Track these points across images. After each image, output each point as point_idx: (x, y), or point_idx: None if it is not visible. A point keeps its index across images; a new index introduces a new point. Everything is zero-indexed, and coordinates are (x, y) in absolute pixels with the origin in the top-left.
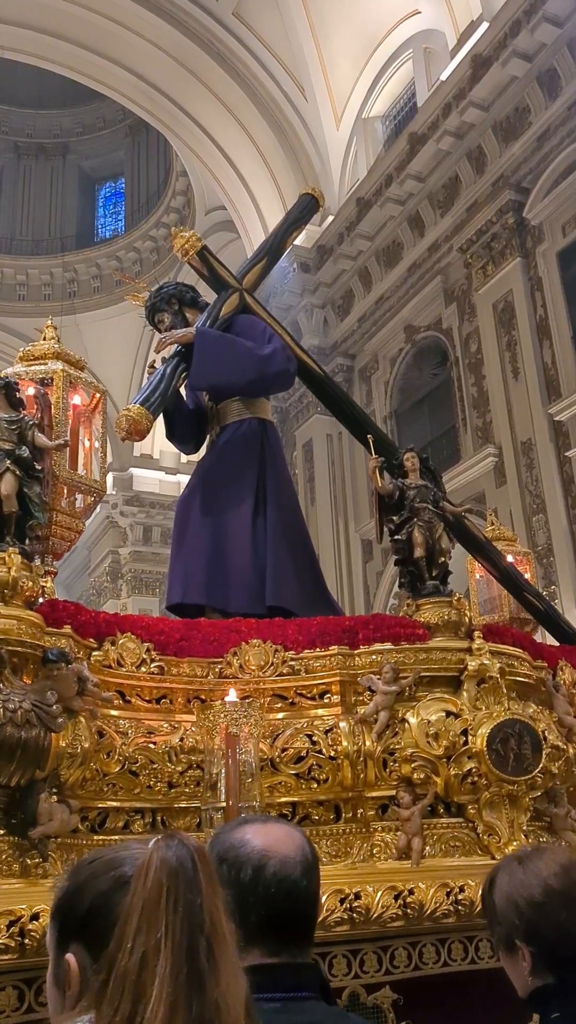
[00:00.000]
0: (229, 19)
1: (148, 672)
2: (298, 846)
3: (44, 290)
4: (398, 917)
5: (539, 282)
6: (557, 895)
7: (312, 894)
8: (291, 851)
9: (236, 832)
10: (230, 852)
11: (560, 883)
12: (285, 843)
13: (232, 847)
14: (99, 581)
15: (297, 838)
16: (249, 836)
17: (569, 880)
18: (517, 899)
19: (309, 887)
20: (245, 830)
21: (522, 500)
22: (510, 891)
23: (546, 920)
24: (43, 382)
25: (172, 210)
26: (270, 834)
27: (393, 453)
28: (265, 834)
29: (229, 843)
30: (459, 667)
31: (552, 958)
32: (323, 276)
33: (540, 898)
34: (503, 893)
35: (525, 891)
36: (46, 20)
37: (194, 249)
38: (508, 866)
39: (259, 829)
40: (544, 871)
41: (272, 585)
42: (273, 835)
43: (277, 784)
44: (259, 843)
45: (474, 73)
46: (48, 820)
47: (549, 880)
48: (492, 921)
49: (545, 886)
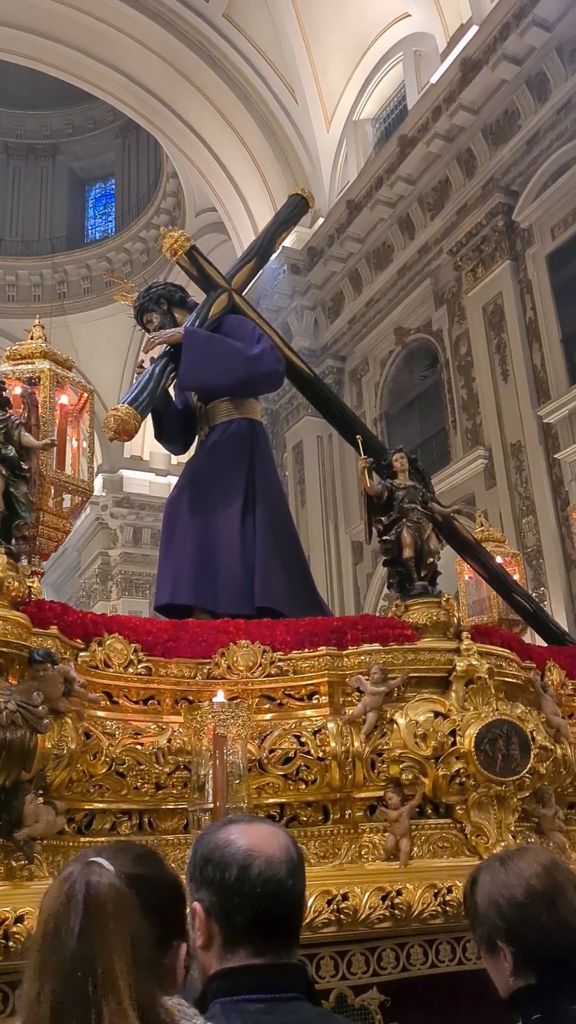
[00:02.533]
0: (219, 21)
1: (135, 673)
2: (283, 846)
3: (34, 291)
4: (386, 918)
5: (529, 285)
6: (539, 896)
7: (298, 894)
8: (276, 851)
9: (221, 832)
10: (215, 852)
11: (542, 884)
12: (270, 843)
13: (217, 847)
14: (89, 583)
15: (282, 838)
16: (234, 836)
17: (551, 881)
18: (499, 899)
19: (295, 887)
20: (230, 830)
21: (511, 502)
22: (492, 891)
23: (527, 921)
24: (30, 381)
25: (162, 211)
26: (255, 834)
27: (382, 454)
28: (250, 834)
29: (214, 843)
30: (447, 668)
31: (533, 959)
32: (313, 278)
33: (522, 899)
34: (485, 893)
35: (507, 892)
36: (37, 21)
37: (183, 249)
38: (490, 866)
39: (244, 829)
40: (526, 871)
41: (261, 586)
42: (258, 835)
43: (265, 785)
44: (244, 843)
45: (464, 76)
46: (34, 822)
47: (531, 881)
48: (474, 921)
49: (527, 887)
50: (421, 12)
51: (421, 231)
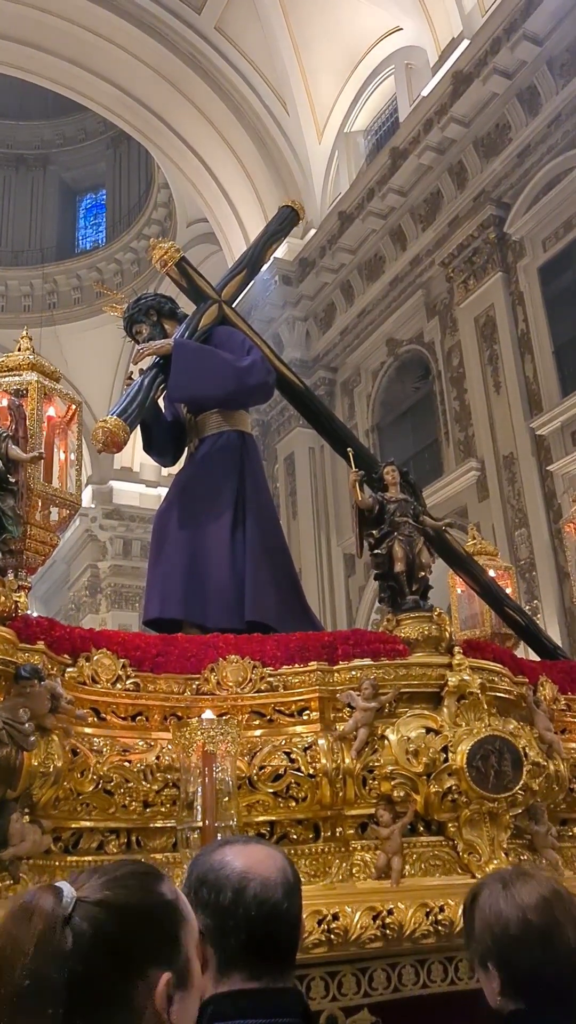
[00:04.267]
0: (211, 33)
1: (124, 689)
2: (279, 867)
3: (24, 301)
4: (377, 938)
5: (520, 296)
6: (534, 931)
7: (294, 917)
8: (272, 873)
9: (216, 853)
10: (210, 874)
11: (539, 918)
12: (266, 864)
13: (212, 869)
14: (78, 595)
15: (278, 859)
16: (229, 858)
17: (549, 917)
18: (494, 926)
19: (290, 909)
20: (225, 851)
21: (504, 514)
22: (488, 917)
23: (519, 955)
24: (18, 393)
25: (153, 222)
26: (251, 855)
27: (374, 467)
28: (246, 855)
29: (209, 865)
30: (439, 683)
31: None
32: (305, 289)
33: (516, 932)
34: (482, 916)
35: (502, 921)
36: (28, 32)
37: (173, 260)
38: (492, 886)
39: (239, 850)
40: (525, 901)
41: (251, 600)
42: (254, 856)
43: (255, 803)
44: (239, 865)
45: (455, 89)
46: (20, 841)
47: (528, 914)
48: (469, 937)
49: (523, 921)
50: (412, 26)
51: (413, 243)
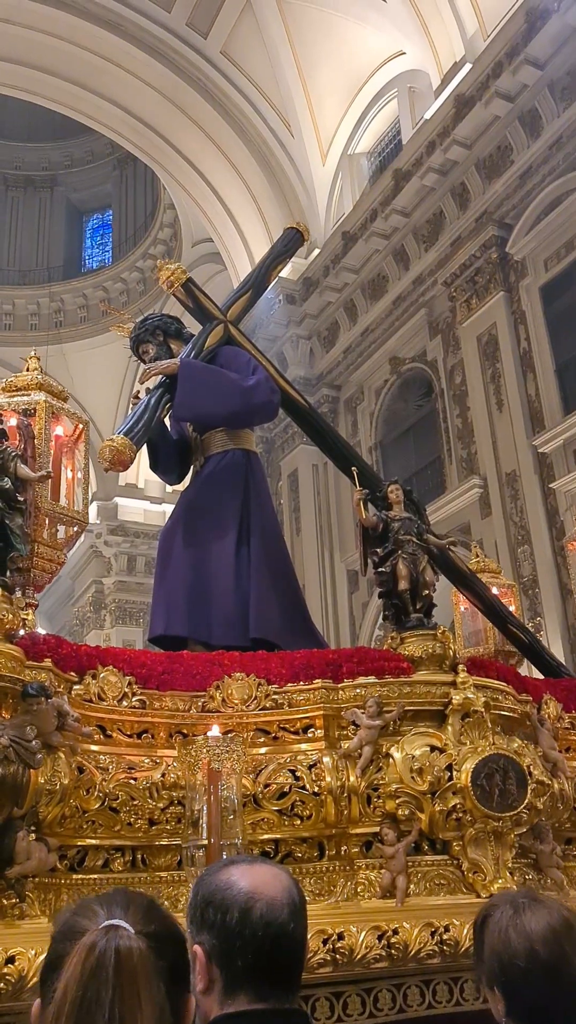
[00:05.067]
0: (217, 57)
1: (130, 706)
2: (285, 888)
3: (31, 320)
4: (382, 958)
5: (522, 316)
6: (541, 965)
7: (300, 937)
8: (278, 893)
9: (222, 873)
10: (216, 894)
11: (547, 952)
12: (272, 885)
13: (218, 889)
14: (83, 611)
15: (284, 880)
16: (235, 878)
17: (558, 950)
18: (502, 954)
19: (296, 930)
20: (231, 871)
21: (507, 531)
22: (496, 944)
23: (525, 987)
24: (26, 412)
25: (159, 242)
26: (257, 875)
27: (377, 485)
28: (252, 875)
29: (215, 885)
30: (444, 701)
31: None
32: (309, 308)
33: (523, 964)
34: (491, 941)
35: (510, 950)
36: (37, 56)
37: (179, 281)
38: (503, 909)
39: (245, 870)
40: (535, 931)
41: (255, 617)
42: (260, 877)
43: (260, 821)
44: (245, 885)
45: (457, 112)
46: (25, 859)
47: (536, 946)
48: (478, 957)
49: (530, 953)
50: (415, 50)
51: (416, 262)
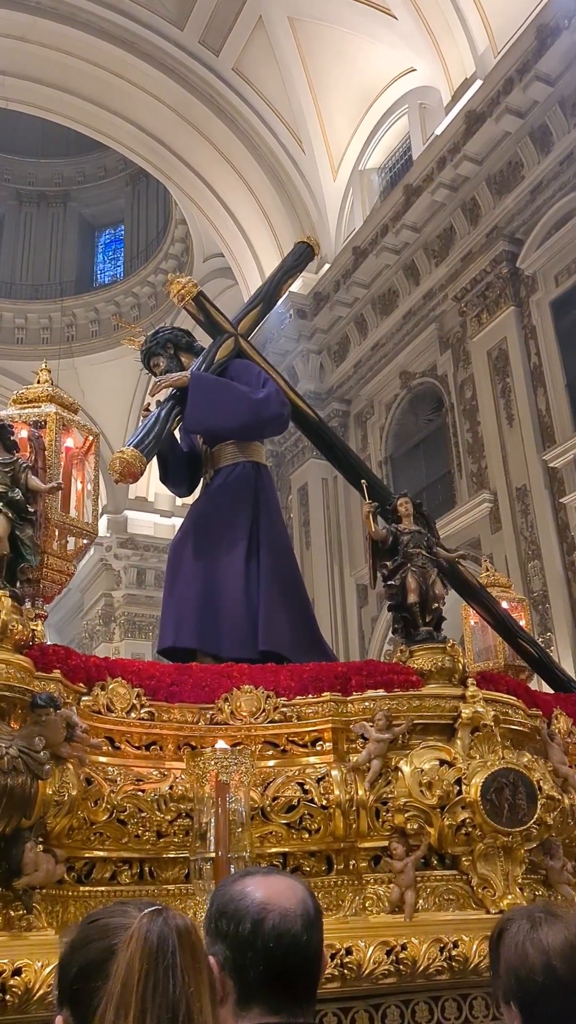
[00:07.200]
0: (229, 74)
1: (138, 718)
2: (300, 899)
3: (42, 334)
4: (390, 974)
5: (533, 331)
6: (558, 981)
7: (314, 949)
8: (292, 904)
9: (237, 884)
10: (230, 904)
11: (564, 968)
12: (286, 895)
13: (232, 899)
14: (92, 624)
15: (300, 891)
16: (250, 888)
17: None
18: (518, 970)
19: (310, 942)
20: (246, 882)
21: (517, 546)
22: (513, 959)
23: (543, 1003)
24: (37, 425)
25: (171, 256)
26: (271, 886)
27: (387, 498)
28: (266, 886)
29: (229, 895)
30: (453, 715)
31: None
32: (319, 322)
33: (540, 980)
34: (507, 956)
35: (527, 965)
36: (50, 73)
37: (190, 295)
38: (519, 923)
39: (260, 881)
40: (552, 946)
41: (264, 630)
42: (274, 887)
43: (268, 834)
44: (259, 895)
45: (468, 128)
46: (33, 870)
47: (554, 960)
48: (494, 972)
49: (547, 968)
50: (426, 67)
51: (426, 277)
